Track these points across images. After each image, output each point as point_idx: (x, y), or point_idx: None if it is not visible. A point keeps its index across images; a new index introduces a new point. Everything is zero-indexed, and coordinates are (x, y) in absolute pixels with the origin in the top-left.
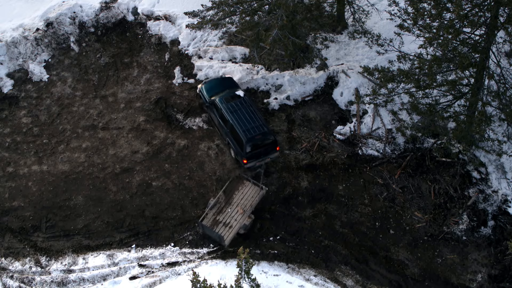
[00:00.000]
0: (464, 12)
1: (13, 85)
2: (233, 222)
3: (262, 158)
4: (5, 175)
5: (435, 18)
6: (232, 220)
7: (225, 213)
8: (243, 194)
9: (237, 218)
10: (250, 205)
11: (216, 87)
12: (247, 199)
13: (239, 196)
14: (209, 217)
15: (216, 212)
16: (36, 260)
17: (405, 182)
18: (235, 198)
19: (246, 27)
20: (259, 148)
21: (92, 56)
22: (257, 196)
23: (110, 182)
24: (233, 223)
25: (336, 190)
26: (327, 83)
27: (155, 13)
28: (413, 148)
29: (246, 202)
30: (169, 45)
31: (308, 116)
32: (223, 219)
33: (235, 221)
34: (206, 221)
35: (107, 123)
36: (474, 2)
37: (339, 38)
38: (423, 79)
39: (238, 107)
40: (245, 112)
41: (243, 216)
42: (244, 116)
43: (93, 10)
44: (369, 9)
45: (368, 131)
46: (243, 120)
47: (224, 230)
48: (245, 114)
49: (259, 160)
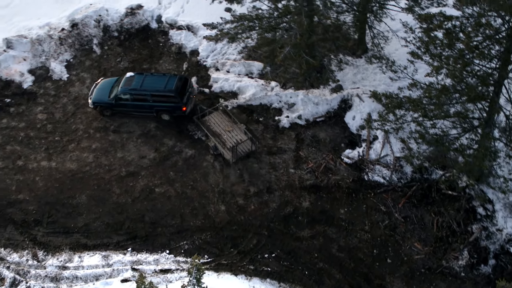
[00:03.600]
0: (475, 44)
1: (33, 82)
2: (230, 140)
3: (188, 96)
4: (15, 167)
5: (446, 47)
6: (231, 139)
7: (224, 139)
8: (220, 121)
9: (233, 136)
10: (228, 123)
11: (107, 88)
12: (223, 122)
13: (218, 124)
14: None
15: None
16: (34, 253)
17: (408, 212)
18: (218, 128)
19: (263, 43)
20: (184, 92)
21: (113, 60)
22: (225, 114)
23: (115, 184)
24: (229, 141)
25: (337, 213)
26: (340, 105)
27: (178, 22)
28: (420, 178)
29: (226, 123)
30: (189, 55)
31: (317, 137)
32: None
33: (230, 138)
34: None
35: (119, 126)
36: (485, 34)
37: (357, 62)
38: (431, 108)
39: (140, 83)
40: (148, 82)
41: (233, 132)
42: (154, 83)
43: (119, 15)
44: (390, 35)
45: (377, 157)
46: (156, 86)
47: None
48: (151, 82)
49: (189, 100)
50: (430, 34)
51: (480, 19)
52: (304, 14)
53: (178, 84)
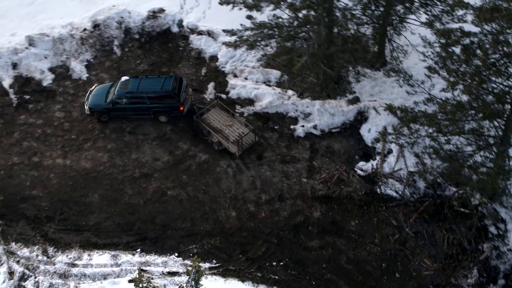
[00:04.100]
0: (492, 61)
1: (53, 80)
2: (232, 134)
3: (183, 96)
4: (30, 163)
5: (463, 63)
6: (233, 133)
7: (226, 133)
8: (219, 117)
9: (234, 130)
10: (227, 118)
11: (102, 94)
12: (222, 117)
13: (218, 120)
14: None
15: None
16: (44, 249)
17: (419, 227)
18: (219, 123)
19: (282, 51)
20: (180, 90)
21: (132, 62)
22: (223, 110)
23: (128, 185)
24: (232, 135)
25: (348, 225)
26: (356, 117)
27: (199, 27)
28: (433, 194)
29: (225, 118)
30: (208, 61)
31: (332, 148)
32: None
33: (232, 132)
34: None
35: (135, 128)
36: (503, 51)
37: (376, 74)
38: (445, 124)
39: (136, 86)
40: (144, 84)
41: (234, 126)
42: (150, 85)
43: (140, 17)
44: (409, 49)
45: (390, 170)
46: (152, 87)
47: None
48: (147, 85)
49: (185, 100)
50: (447, 49)
51: (498, 37)
52: (323, 25)
53: (174, 85)
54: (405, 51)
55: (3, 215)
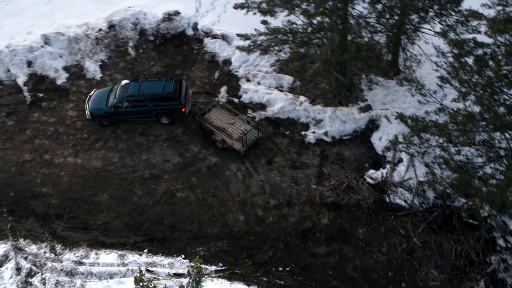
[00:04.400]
0: (504, 72)
1: (67, 79)
2: (235, 132)
3: (184, 97)
4: (41, 161)
5: (475, 74)
6: (236, 131)
7: (230, 131)
8: (220, 116)
9: (237, 127)
10: (229, 116)
11: (103, 98)
12: (224, 116)
13: (220, 119)
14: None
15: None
16: (52, 247)
17: (427, 237)
18: (220, 122)
19: (295, 57)
20: (181, 92)
21: (146, 63)
22: (224, 108)
23: (137, 185)
24: (235, 133)
25: (356, 233)
26: (368, 125)
27: (214, 31)
28: (442, 205)
29: (227, 117)
30: (221, 64)
31: (342, 155)
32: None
33: (235, 129)
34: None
35: (147, 129)
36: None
37: (389, 83)
38: (456, 134)
39: (137, 89)
40: (145, 87)
41: (236, 123)
42: (151, 88)
43: (156, 19)
44: (423, 58)
45: (400, 179)
46: (154, 90)
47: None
48: (148, 87)
49: (186, 101)
50: (460, 59)
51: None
52: (336, 31)
53: (175, 86)
54: (418, 60)
55: (13, 211)
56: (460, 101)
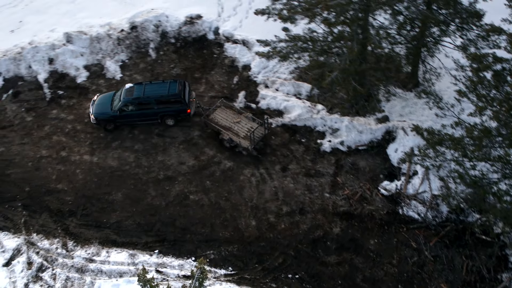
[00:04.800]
0: None
1: (87, 77)
2: (242, 130)
3: (189, 98)
4: (58, 157)
5: (493, 89)
6: (242, 129)
7: (236, 130)
8: (225, 115)
9: (243, 125)
10: (234, 115)
11: (107, 102)
12: (229, 115)
13: (225, 119)
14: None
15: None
16: (64, 243)
17: (439, 251)
18: (226, 121)
19: (314, 65)
20: (185, 94)
21: (166, 65)
22: (228, 108)
23: (151, 186)
24: (241, 131)
25: (367, 243)
26: (384, 136)
27: (235, 36)
28: (456, 219)
29: (232, 116)
30: (240, 69)
31: (357, 165)
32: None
33: (241, 128)
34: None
35: (163, 130)
36: None
37: (407, 95)
38: (471, 149)
39: (142, 91)
40: (150, 89)
41: (242, 122)
42: (156, 90)
43: (178, 22)
44: (442, 72)
45: (414, 192)
46: (159, 92)
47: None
48: (153, 90)
49: (190, 103)
50: (479, 74)
51: None
52: (356, 41)
53: (180, 88)
54: (438, 73)
55: (28, 206)
56: (477, 116)
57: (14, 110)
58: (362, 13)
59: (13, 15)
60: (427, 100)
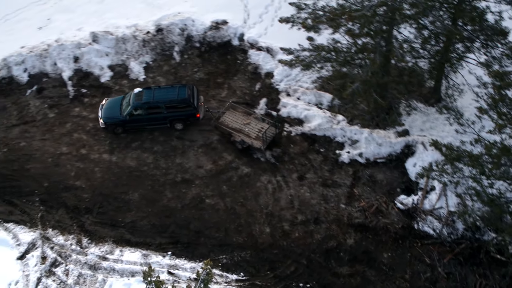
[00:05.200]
0: None
1: (111, 77)
2: (252, 131)
3: (197, 102)
4: (77, 155)
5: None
6: (253, 130)
7: (247, 131)
8: (235, 117)
9: (253, 126)
10: (243, 117)
11: (116, 107)
12: (239, 117)
13: (235, 121)
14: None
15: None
16: (79, 239)
17: (452, 269)
18: (236, 123)
19: (336, 76)
20: (194, 97)
21: (190, 69)
22: (236, 110)
23: (168, 188)
24: (252, 132)
25: (380, 256)
26: (403, 150)
27: (259, 43)
28: (471, 237)
29: (241, 118)
30: (263, 76)
31: (374, 177)
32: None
33: (252, 129)
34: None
35: (183, 133)
36: None
37: (429, 110)
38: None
39: (151, 96)
40: (159, 94)
41: (251, 123)
42: (165, 95)
43: (203, 27)
44: (465, 88)
45: (430, 208)
46: (168, 96)
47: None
48: (162, 94)
49: (199, 107)
50: (500, 91)
51: None
52: (379, 53)
53: (189, 92)
54: (460, 89)
55: (45, 201)
56: (496, 133)
57: (37, 106)
58: (387, 25)
59: (42, 13)
60: (448, 116)
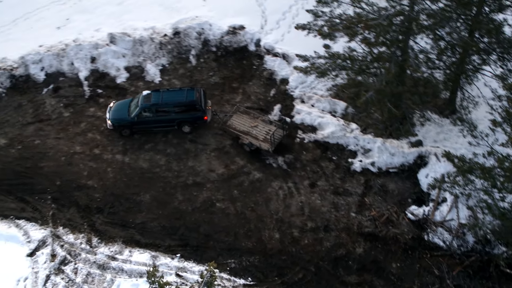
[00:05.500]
0: None
1: (127, 78)
2: (260, 133)
3: (205, 105)
4: (91, 154)
5: None
6: (261, 132)
7: (254, 134)
8: (242, 120)
9: (261, 129)
10: (250, 120)
11: (124, 109)
12: (246, 120)
13: (242, 124)
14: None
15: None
16: (89, 238)
17: (461, 281)
18: (244, 126)
19: (351, 84)
20: (202, 100)
21: (205, 73)
22: (243, 113)
23: (179, 190)
24: (260, 134)
25: (389, 266)
26: (416, 161)
27: (275, 49)
28: (481, 250)
29: (249, 121)
30: (278, 83)
31: (386, 187)
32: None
33: (259, 131)
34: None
35: (196, 136)
36: None
37: (443, 121)
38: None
39: (160, 98)
40: (168, 96)
41: (259, 125)
42: (173, 97)
43: (220, 31)
44: (480, 100)
45: (441, 219)
46: (177, 98)
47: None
48: (170, 96)
49: (207, 110)
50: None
51: None
52: (394, 63)
53: (197, 95)
54: (475, 102)
55: (57, 200)
56: (509, 146)
57: (53, 105)
58: (403, 35)
59: (60, 12)
60: (462, 128)
